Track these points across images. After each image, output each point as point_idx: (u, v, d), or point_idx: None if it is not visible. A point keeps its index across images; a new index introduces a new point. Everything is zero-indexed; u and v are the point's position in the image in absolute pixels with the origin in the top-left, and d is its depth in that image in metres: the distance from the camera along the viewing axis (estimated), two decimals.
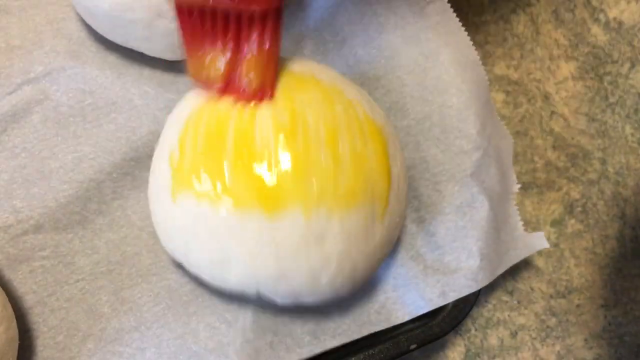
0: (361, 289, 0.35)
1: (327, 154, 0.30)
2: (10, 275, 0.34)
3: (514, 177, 0.38)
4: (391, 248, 0.34)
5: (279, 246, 0.30)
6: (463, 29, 0.38)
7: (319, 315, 0.35)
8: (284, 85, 0.32)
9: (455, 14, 0.38)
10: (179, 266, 0.35)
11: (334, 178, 0.30)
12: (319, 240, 0.30)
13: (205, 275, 0.32)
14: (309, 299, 0.32)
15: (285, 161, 0.30)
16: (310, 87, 0.32)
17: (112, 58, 0.38)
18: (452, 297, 0.34)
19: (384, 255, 0.34)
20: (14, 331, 0.32)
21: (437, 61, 0.37)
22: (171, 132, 0.33)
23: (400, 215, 0.34)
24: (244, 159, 0.30)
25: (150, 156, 0.37)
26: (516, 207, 0.37)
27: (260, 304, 0.34)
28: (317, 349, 0.35)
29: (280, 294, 0.31)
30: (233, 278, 0.31)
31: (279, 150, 0.30)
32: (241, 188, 0.30)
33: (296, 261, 0.30)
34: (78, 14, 0.38)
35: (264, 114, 0.31)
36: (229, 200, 0.30)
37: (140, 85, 0.37)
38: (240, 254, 0.30)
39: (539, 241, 0.37)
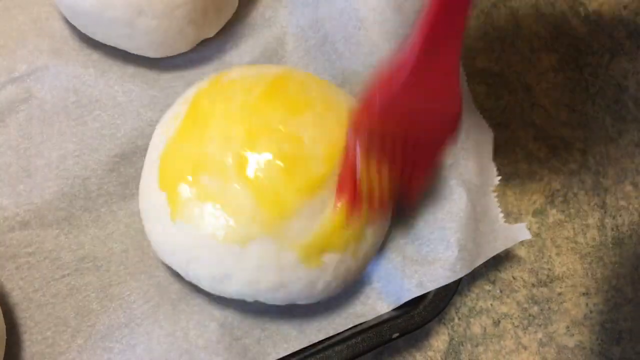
0: None
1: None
2: None
3: (494, 170, 0.39)
4: (379, 246, 0.35)
5: (281, 262, 0.32)
6: None
7: (306, 310, 0.35)
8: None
9: None
10: (168, 266, 0.35)
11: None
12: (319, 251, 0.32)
13: (205, 286, 0.33)
14: (303, 301, 0.34)
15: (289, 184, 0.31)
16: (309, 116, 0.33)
17: (95, 56, 0.38)
18: (430, 287, 0.35)
19: (374, 254, 0.35)
20: (1, 327, 0.32)
21: None
22: (161, 140, 0.34)
23: (387, 216, 0.35)
24: (246, 183, 0.31)
25: (134, 152, 0.37)
26: (496, 199, 0.38)
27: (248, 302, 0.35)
28: (304, 343, 0.35)
29: (277, 300, 0.33)
30: (233, 290, 0.33)
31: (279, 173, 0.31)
32: (244, 214, 0.31)
33: (296, 273, 0.32)
34: (61, 13, 0.38)
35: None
36: (233, 227, 0.31)
37: (123, 82, 0.38)
38: (242, 271, 0.32)
39: (521, 232, 0.37)
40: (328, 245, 0.32)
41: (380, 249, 0.36)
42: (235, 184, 0.31)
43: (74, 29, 0.38)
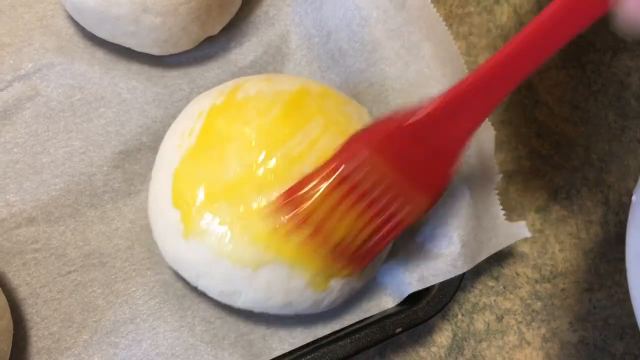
0: None
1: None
2: (4, 267, 0.35)
3: (495, 167, 0.39)
4: (385, 254, 0.36)
5: (290, 285, 0.32)
6: (443, 23, 0.39)
7: None
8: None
9: (435, 8, 0.39)
10: None
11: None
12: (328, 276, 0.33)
13: (213, 297, 0.34)
14: (307, 313, 0.34)
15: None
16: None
17: (100, 54, 0.38)
18: (431, 281, 0.35)
19: (378, 263, 0.35)
20: (9, 321, 0.32)
21: (418, 55, 0.37)
22: (173, 146, 0.34)
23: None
24: (262, 209, 0.31)
25: (139, 149, 0.38)
26: (497, 196, 0.38)
27: None
28: (309, 339, 0.35)
29: (284, 313, 0.34)
30: (241, 304, 0.33)
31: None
32: (259, 241, 0.31)
33: (303, 295, 0.33)
34: (66, 11, 0.38)
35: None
36: (247, 252, 0.32)
37: (128, 79, 0.38)
38: (252, 290, 0.33)
39: (521, 230, 0.38)
40: (337, 274, 0.33)
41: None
42: (251, 209, 0.31)
43: (79, 26, 0.38)
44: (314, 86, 0.35)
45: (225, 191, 0.32)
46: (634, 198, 0.31)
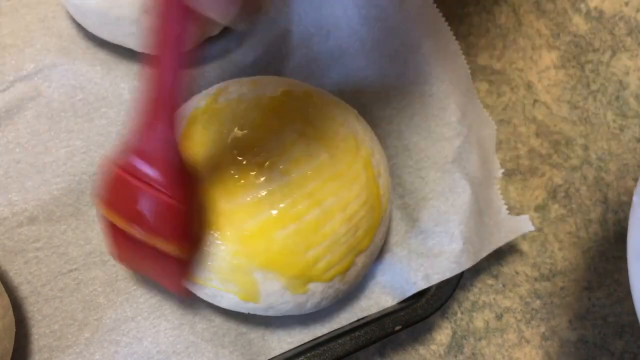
0: None
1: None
2: (6, 266, 0.35)
3: (496, 163, 0.39)
4: (375, 257, 0.36)
5: (267, 289, 0.32)
6: (443, 20, 0.39)
7: None
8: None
9: (436, 6, 0.39)
10: None
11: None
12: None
13: (201, 297, 0.34)
14: (295, 314, 0.34)
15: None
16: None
17: (101, 54, 0.39)
18: (435, 279, 0.35)
19: (368, 269, 0.35)
20: (10, 319, 0.33)
21: (418, 52, 0.38)
22: None
23: (386, 226, 0.35)
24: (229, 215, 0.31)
25: None
26: (499, 192, 0.38)
27: None
28: (307, 337, 0.36)
29: (270, 315, 0.34)
30: (226, 306, 0.34)
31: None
32: (227, 251, 0.31)
33: (283, 298, 0.32)
34: (68, 12, 0.39)
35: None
36: (219, 263, 0.32)
37: (129, 80, 0.38)
38: (231, 294, 0.33)
39: (524, 224, 0.38)
40: (312, 278, 0.32)
41: (384, 244, 0.36)
42: (221, 217, 0.31)
43: (80, 27, 0.39)
44: (297, 89, 0.35)
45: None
46: (635, 199, 0.32)
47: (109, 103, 0.38)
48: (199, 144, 0.33)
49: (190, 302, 0.36)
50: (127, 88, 0.38)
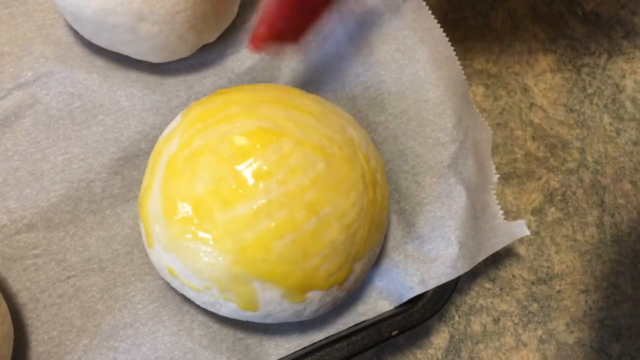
0: None
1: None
2: (5, 273, 0.35)
3: (492, 168, 0.39)
4: (372, 263, 0.36)
5: (265, 297, 0.32)
6: (439, 26, 0.39)
7: None
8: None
9: (430, 12, 0.39)
10: None
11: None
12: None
13: (200, 305, 0.34)
14: (292, 322, 0.35)
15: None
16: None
17: (99, 62, 0.39)
18: (432, 284, 0.35)
19: (366, 276, 0.36)
20: (9, 326, 0.33)
21: (414, 58, 0.38)
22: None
23: (382, 232, 0.35)
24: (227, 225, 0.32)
25: (138, 155, 0.38)
26: (495, 197, 0.38)
27: None
28: (305, 343, 0.36)
29: (269, 322, 0.34)
30: (224, 314, 0.34)
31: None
32: (226, 262, 0.32)
33: (281, 306, 0.33)
34: (65, 20, 0.39)
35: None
36: (216, 267, 0.32)
37: (127, 87, 0.39)
38: (229, 302, 0.33)
39: (520, 229, 0.38)
40: (310, 287, 0.32)
41: (381, 249, 0.36)
42: (219, 225, 0.31)
43: (78, 35, 0.39)
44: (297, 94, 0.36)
45: (195, 206, 0.32)
46: None
47: (106, 110, 0.38)
48: (197, 152, 0.33)
49: (189, 307, 0.36)
50: (124, 95, 0.38)
